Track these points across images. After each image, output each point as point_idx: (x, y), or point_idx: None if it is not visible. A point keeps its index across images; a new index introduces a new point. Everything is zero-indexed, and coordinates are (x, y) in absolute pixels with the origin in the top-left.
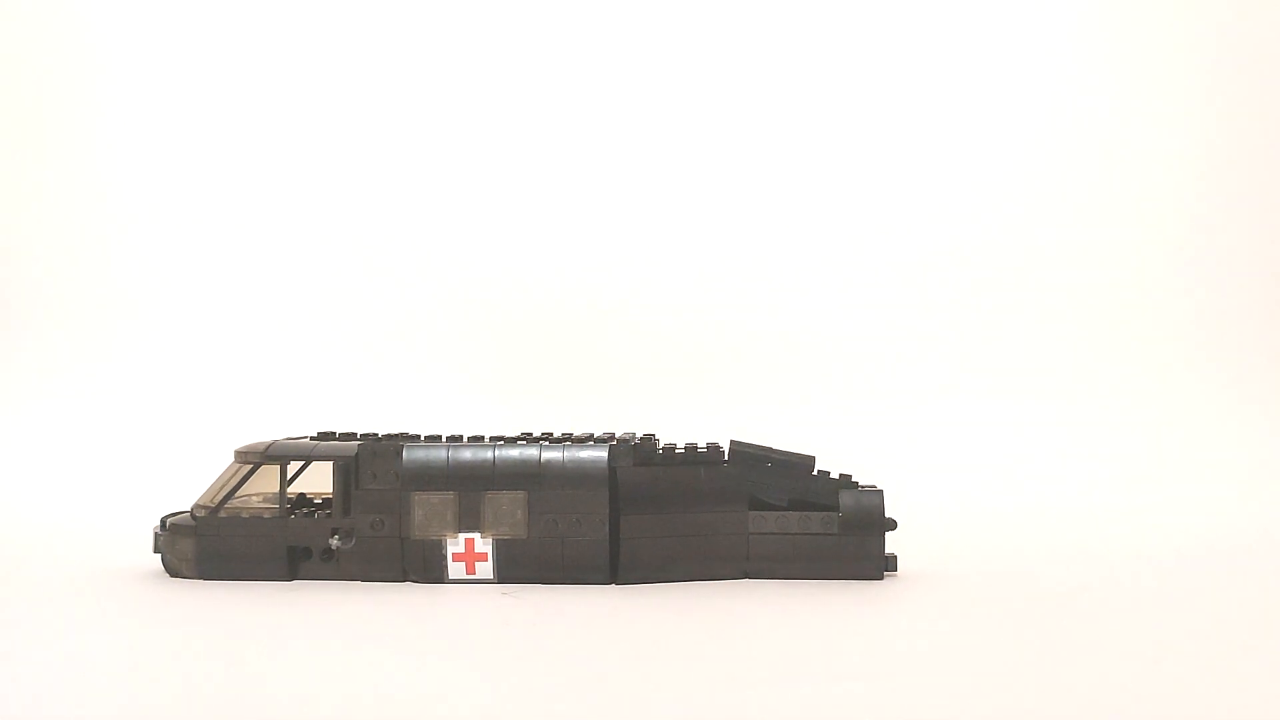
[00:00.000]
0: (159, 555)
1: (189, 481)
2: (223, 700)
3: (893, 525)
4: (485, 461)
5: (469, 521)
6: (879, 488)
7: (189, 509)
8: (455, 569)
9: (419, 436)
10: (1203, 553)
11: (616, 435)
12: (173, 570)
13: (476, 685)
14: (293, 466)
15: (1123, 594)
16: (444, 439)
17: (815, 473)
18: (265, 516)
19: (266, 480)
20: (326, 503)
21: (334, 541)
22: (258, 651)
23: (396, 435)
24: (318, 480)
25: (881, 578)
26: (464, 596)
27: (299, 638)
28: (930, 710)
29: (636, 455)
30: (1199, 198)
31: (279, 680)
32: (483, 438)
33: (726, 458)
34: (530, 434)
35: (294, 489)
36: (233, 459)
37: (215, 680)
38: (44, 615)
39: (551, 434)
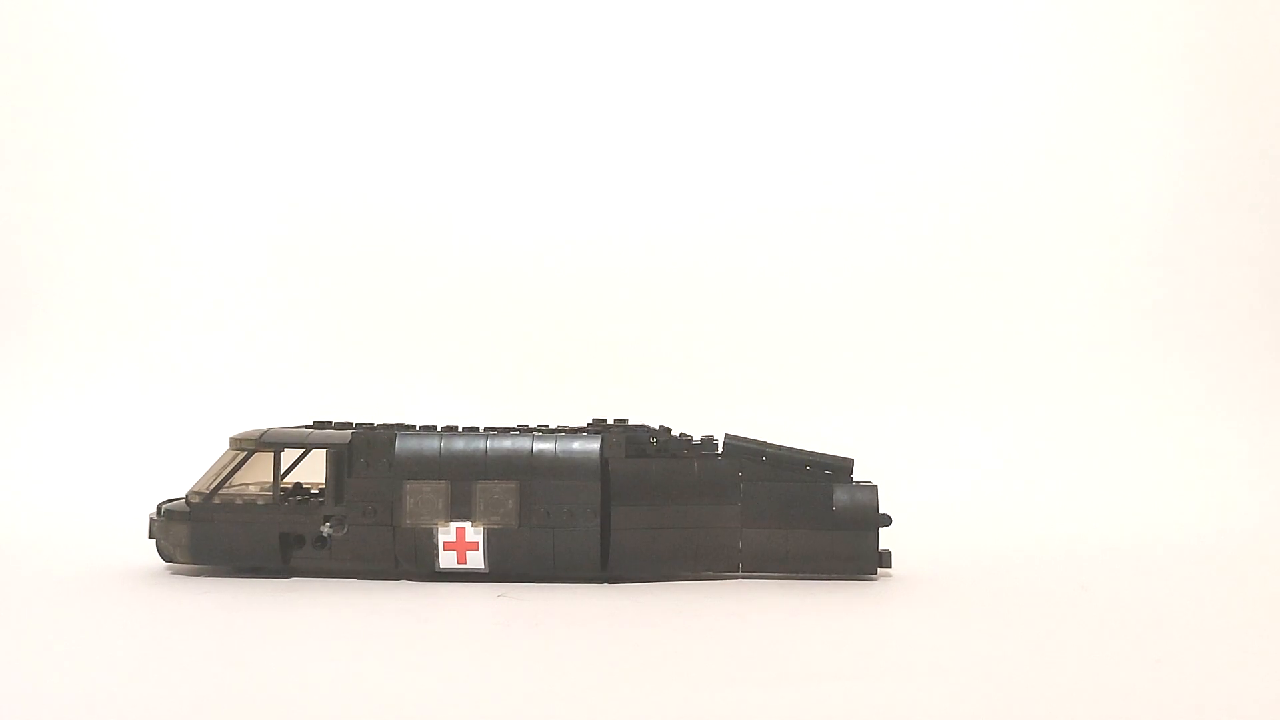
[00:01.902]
0: (153, 541)
1: (185, 471)
2: (223, 700)
3: (887, 521)
4: (478, 451)
5: (460, 510)
6: (873, 483)
7: (184, 496)
8: (446, 558)
9: (414, 427)
10: (1199, 550)
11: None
12: (166, 555)
13: (474, 686)
14: (288, 455)
15: (1116, 591)
16: (438, 429)
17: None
18: (259, 503)
19: (261, 468)
20: (323, 492)
21: (325, 528)
22: (256, 651)
23: (391, 426)
24: (314, 471)
25: (875, 574)
26: (461, 595)
27: (295, 637)
28: (924, 707)
29: (629, 447)
30: (1196, 195)
31: (276, 680)
32: (477, 428)
33: (720, 451)
34: (526, 425)
35: (291, 479)
36: (228, 446)
37: (214, 680)
38: (37, 607)
39: (546, 425)
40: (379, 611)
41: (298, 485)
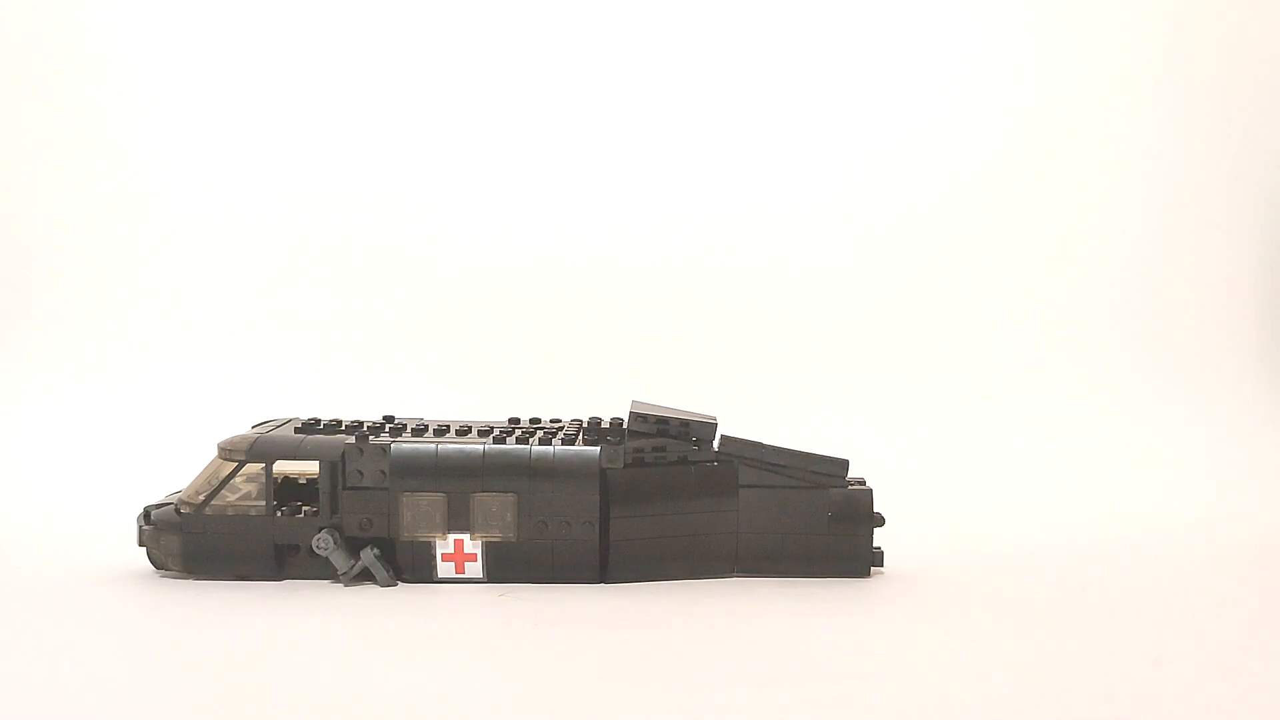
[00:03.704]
0: (144, 549)
1: (174, 468)
2: (223, 701)
3: (881, 522)
4: (474, 461)
5: (458, 523)
6: (867, 484)
7: (174, 503)
8: (444, 568)
9: (405, 427)
10: (1196, 549)
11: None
12: (158, 564)
13: (474, 686)
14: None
15: (1114, 591)
16: (431, 430)
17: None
18: (252, 514)
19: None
20: (312, 483)
21: (318, 541)
22: (254, 653)
23: (381, 424)
24: (306, 464)
25: (869, 574)
26: (461, 596)
27: (294, 639)
28: (921, 706)
29: (626, 458)
30: (1191, 197)
31: (275, 681)
32: (470, 428)
33: (716, 455)
34: (518, 420)
35: (278, 471)
36: (216, 453)
37: (213, 682)
38: (26, 610)
39: (539, 420)
40: (379, 613)
41: (286, 478)
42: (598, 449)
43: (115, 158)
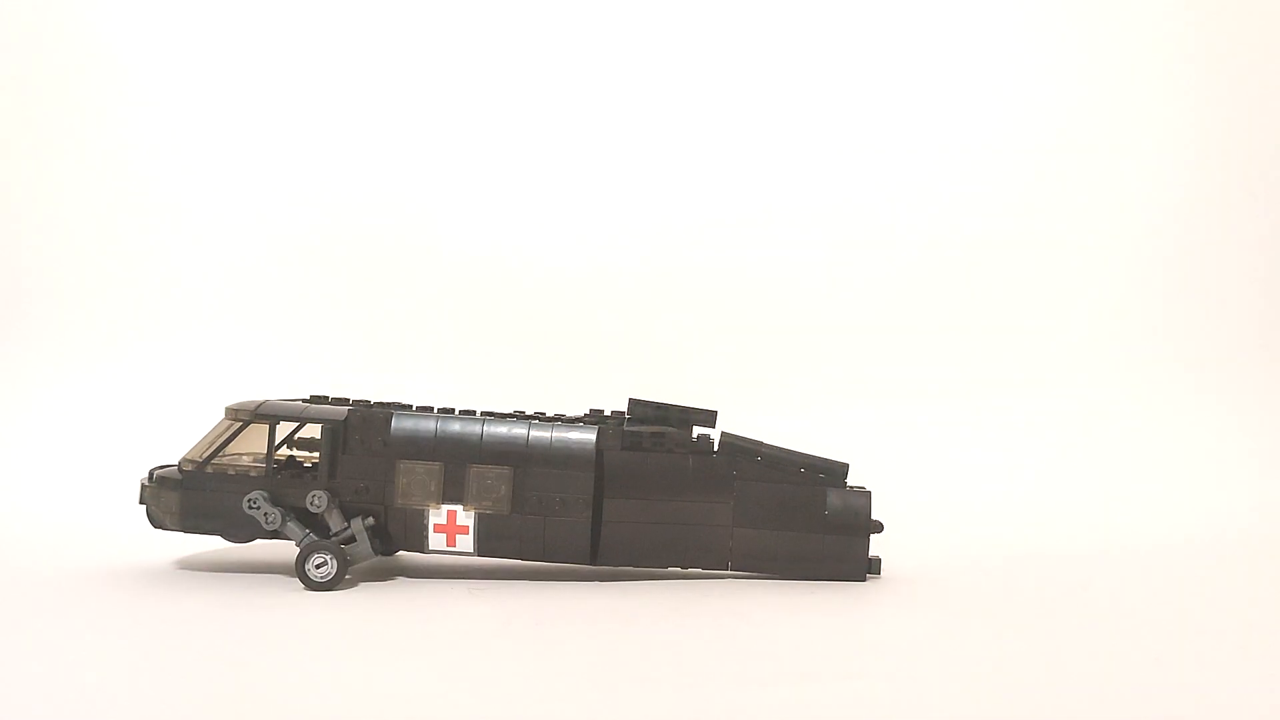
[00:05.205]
0: (143, 507)
1: (181, 444)
2: (223, 701)
3: (879, 528)
4: (473, 435)
5: (452, 493)
6: (866, 489)
7: (176, 463)
8: (436, 540)
9: (410, 407)
10: (1195, 552)
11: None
12: (156, 522)
13: (474, 686)
14: (283, 428)
15: (1109, 590)
16: (435, 410)
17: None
18: (251, 475)
19: (256, 439)
20: (316, 466)
21: (312, 502)
22: (254, 655)
23: (389, 403)
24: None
25: (864, 579)
26: (460, 595)
27: (294, 636)
28: (916, 706)
29: (624, 440)
30: (1185, 198)
31: (275, 680)
32: (474, 412)
33: (716, 449)
34: (523, 412)
35: (286, 451)
36: (223, 415)
37: (213, 681)
38: (27, 613)
39: (544, 413)
40: (379, 612)
41: (291, 458)
42: (595, 432)
43: (119, 157)
